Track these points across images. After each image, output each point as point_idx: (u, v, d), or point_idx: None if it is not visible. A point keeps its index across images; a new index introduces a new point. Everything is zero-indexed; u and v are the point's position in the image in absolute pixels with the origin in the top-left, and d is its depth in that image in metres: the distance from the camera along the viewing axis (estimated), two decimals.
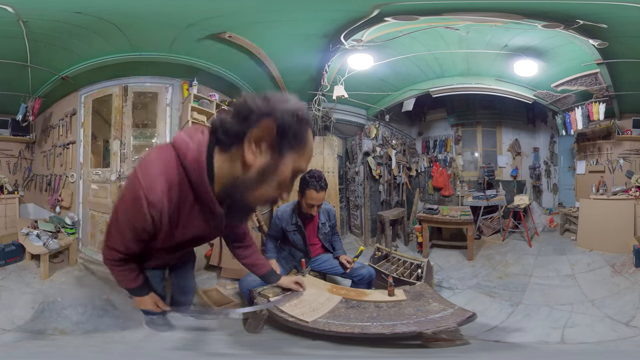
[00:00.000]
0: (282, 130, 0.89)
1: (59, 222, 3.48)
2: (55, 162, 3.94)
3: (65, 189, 3.76)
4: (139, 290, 1.50)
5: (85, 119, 3.66)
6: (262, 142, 0.90)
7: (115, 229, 1.18)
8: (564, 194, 5.38)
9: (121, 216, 1.12)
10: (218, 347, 1.88)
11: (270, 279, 1.99)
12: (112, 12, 2.47)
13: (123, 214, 1.11)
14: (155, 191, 0.98)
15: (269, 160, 0.92)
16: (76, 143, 3.68)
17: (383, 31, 2.83)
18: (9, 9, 2.28)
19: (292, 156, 0.94)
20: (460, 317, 1.83)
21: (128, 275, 1.40)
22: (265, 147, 0.91)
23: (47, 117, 4.09)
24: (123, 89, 3.47)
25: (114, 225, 1.19)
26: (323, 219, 2.52)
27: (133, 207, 1.03)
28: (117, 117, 3.47)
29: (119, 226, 1.15)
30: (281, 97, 0.92)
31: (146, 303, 1.56)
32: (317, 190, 2.22)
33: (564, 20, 2.53)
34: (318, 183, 2.21)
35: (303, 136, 0.94)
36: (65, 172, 3.78)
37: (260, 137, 0.89)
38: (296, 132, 0.91)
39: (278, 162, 0.92)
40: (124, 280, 1.41)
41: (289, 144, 0.92)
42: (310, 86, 3.93)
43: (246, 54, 3.16)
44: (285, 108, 0.89)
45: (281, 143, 0.91)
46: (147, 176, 0.99)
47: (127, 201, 1.06)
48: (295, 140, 0.92)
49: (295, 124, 0.90)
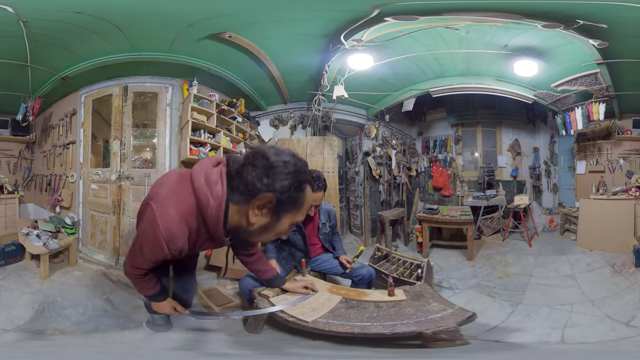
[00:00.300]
0: (279, 202, 1.07)
1: (59, 222, 3.48)
2: (55, 162, 3.94)
3: (65, 189, 3.76)
4: (157, 296, 1.66)
5: (85, 119, 3.66)
6: (263, 208, 1.09)
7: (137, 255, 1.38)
8: (564, 194, 5.39)
9: (144, 247, 1.32)
10: (218, 347, 1.88)
11: (274, 283, 2.03)
12: (112, 12, 2.47)
13: (145, 247, 1.31)
14: (175, 242, 1.20)
15: (268, 221, 1.12)
16: (76, 143, 3.68)
17: (383, 31, 2.83)
18: (9, 9, 2.28)
19: (288, 217, 1.13)
20: (460, 317, 1.83)
21: (147, 285, 1.56)
22: (265, 212, 1.10)
23: (47, 117, 4.09)
24: (123, 89, 3.47)
25: (137, 251, 1.37)
26: (323, 219, 2.51)
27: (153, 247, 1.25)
28: (117, 117, 3.47)
29: (142, 252, 1.35)
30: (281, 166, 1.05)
31: (164, 308, 1.70)
32: (315, 190, 2.20)
33: (564, 20, 2.53)
34: (316, 183, 2.20)
35: (299, 201, 1.10)
36: (65, 172, 3.78)
37: (261, 205, 1.08)
38: (293, 200, 1.08)
39: (276, 222, 1.12)
40: (145, 289, 1.59)
41: (285, 210, 1.10)
42: (310, 86, 3.94)
43: (246, 54, 3.16)
44: (283, 186, 1.05)
45: (278, 209, 1.09)
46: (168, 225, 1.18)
47: (148, 240, 1.26)
48: (291, 206, 1.10)
49: (292, 195, 1.07)
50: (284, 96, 4.30)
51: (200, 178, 1.16)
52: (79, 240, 3.53)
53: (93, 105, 3.66)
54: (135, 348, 1.86)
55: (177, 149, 3.49)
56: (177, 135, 3.51)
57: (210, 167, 1.18)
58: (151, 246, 1.26)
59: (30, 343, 1.85)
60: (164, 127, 3.51)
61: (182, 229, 1.19)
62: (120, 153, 3.43)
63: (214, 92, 3.65)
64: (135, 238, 1.39)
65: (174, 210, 1.18)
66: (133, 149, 3.51)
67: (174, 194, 1.21)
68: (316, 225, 2.51)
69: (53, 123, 3.97)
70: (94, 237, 3.51)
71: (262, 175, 1.05)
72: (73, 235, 3.42)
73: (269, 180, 1.04)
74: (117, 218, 3.35)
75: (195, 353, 1.82)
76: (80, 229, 3.60)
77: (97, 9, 2.41)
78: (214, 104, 3.61)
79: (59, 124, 3.85)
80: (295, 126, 4.65)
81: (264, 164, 1.05)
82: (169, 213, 1.18)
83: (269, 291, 2.13)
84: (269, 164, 1.05)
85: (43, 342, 1.88)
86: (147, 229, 1.24)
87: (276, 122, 4.63)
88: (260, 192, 1.05)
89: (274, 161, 1.05)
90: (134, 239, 1.40)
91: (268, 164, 1.05)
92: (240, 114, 4.04)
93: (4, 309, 2.19)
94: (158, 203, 1.21)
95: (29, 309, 2.24)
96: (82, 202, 3.65)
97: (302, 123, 4.65)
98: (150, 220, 1.21)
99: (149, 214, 1.22)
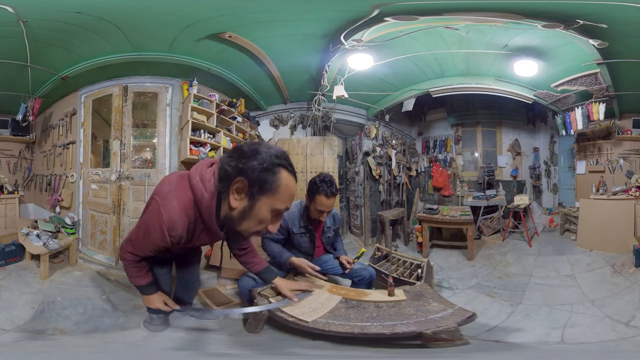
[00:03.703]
0: (251, 183, 1.19)
1: (59, 222, 3.48)
2: (55, 162, 3.94)
3: (65, 189, 3.76)
4: (149, 287, 1.72)
5: (85, 119, 3.66)
6: (240, 192, 1.22)
7: (138, 242, 1.52)
8: (564, 194, 5.39)
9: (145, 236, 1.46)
10: (218, 347, 1.88)
11: (264, 276, 2.01)
12: (112, 12, 2.46)
13: (146, 235, 1.45)
14: (176, 229, 1.35)
15: (246, 205, 1.22)
16: (76, 143, 3.68)
17: (383, 31, 2.83)
18: (9, 9, 2.28)
19: (265, 200, 1.21)
20: (460, 317, 1.83)
21: (139, 272, 1.65)
22: (242, 195, 1.22)
23: (47, 117, 4.09)
24: (123, 89, 3.47)
25: (137, 238, 1.52)
26: (329, 223, 2.49)
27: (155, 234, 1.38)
28: (117, 117, 3.47)
29: (141, 241, 1.49)
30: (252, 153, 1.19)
31: (155, 302, 1.74)
32: (328, 196, 2.13)
33: (564, 20, 2.53)
34: (329, 189, 2.13)
35: (271, 182, 1.19)
36: (65, 172, 3.78)
37: (238, 188, 1.21)
38: (263, 182, 1.18)
39: (252, 205, 1.22)
40: (137, 277, 1.66)
41: (259, 191, 1.19)
42: (310, 86, 3.94)
43: (246, 54, 3.16)
44: (251, 167, 1.17)
45: (252, 191, 1.20)
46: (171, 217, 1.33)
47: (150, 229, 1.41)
48: (263, 189, 1.19)
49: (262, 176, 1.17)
50: (284, 96, 4.30)
51: (197, 177, 1.34)
52: (79, 240, 3.53)
53: (93, 105, 3.66)
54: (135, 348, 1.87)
55: (177, 149, 3.49)
56: (177, 135, 3.51)
57: (205, 167, 1.37)
58: (154, 233, 1.39)
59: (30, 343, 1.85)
60: (164, 127, 3.51)
61: (182, 219, 1.34)
62: (120, 153, 3.43)
63: (214, 92, 3.65)
64: (138, 226, 1.55)
65: (175, 203, 1.34)
66: (133, 149, 3.51)
67: (175, 190, 1.38)
68: (322, 229, 2.50)
69: (53, 123, 3.97)
70: (94, 237, 3.51)
71: (235, 160, 1.21)
72: (73, 235, 3.42)
73: (240, 164, 1.19)
74: (117, 218, 3.35)
75: (195, 353, 1.82)
76: (80, 229, 3.60)
77: (97, 9, 2.41)
78: (214, 104, 3.61)
79: (59, 124, 3.85)
80: (295, 126, 4.65)
81: (238, 153, 1.23)
82: (171, 205, 1.34)
83: (269, 291, 2.13)
84: (242, 152, 1.21)
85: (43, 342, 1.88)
86: (151, 217, 1.40)
87: (276, 122, 4.63)
88: (233, 176, 1.20)
89: (246, 150, 1.21)
90: (136, 226, 1.56)
91: (241, 152, 1.22)
92: (240, 114, 4.04)
93: (4, 309, 2.19)
94: (161, 197, 1.38)
95: (29, 309, 2.24)
96: (82, 202, 3.65)
97: (302, 123, 4.65)
98: (154, 211, 1.38)
99: (154, 206, 1.39)
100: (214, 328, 2.13)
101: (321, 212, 2.21)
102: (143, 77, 3.50)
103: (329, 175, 2.20)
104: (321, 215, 2.24)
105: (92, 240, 3.53)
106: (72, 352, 1.77)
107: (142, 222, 1.52)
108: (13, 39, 2.66)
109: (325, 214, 2.24)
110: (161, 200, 1.37)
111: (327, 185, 2.13)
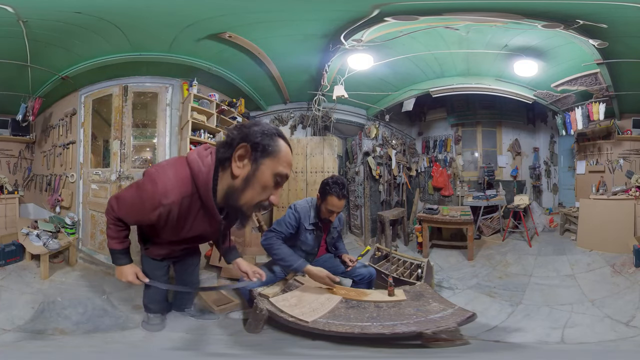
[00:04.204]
0: (254, 148, 1.24)
1: (59, 222, 3.48)
2: (55, 162, 3.94)
3: (65, 189, 3.76)
4: (122, 256, 1.70)
5: (85, 119, 3.66)
6: (243, 158, 1.26)
7: (124, 201, 1.52)
8: (564, 194, 5.38)
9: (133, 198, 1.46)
10: (218, 347, 1.88)
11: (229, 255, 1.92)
12: (112, 12, 2.47)
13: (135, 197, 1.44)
14: (168, 196, 1.32)
15: (250, 170, 1.25)
16: (76, 143, 3.68)
17: (383, 31, 2.83)
18: (9, 9, 2.28)
19: (268, 163, 1.25)
20: (460, 317, 1.84)
21: (118, 235, 1.65)
22: (246, 161, 1.26)
23: (47, 117, 4.09)
24: (123, 89, 3.47)
25: (124, 197, 1.53)
26: (335, 224, 2.52)
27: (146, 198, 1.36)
28: (117, 117, 3.47)
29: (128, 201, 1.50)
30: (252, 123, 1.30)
31: (126, 273, 1.71)
32: (340, 197, 2.21)
33: (564, 20, 2.53)
34: (341, 191, 2.21)
35: (272, 146, 1.25)
36: (65, 172, 3.78)
37: (241, 155, 1.25)
38: (265, 145, 1.24)
39: (256, 170, 1.25)
40: (114, 238, 1.66)
41: (262, 155, 1.24)
42: (310, 86, 3.93)
43: (246, 54, 3.16)
44: (254, 131, 1.24)
45: (255, 156, 1.24)
46: (166, 184, 1.32)
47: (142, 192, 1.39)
48: (266, 151, 1.24)
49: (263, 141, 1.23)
50: (284, 96, 4.30)
51: (194, 154, 1.37)
52: (79, 240, 3.53)
53: (93, 105, 3.66)
54: (135, 348, 1.87)
55: (177, 149, 3.49)
56: (177, 135, 3.51)
57: (202, 149, 1.39)
58: (145, 195, 1.37)
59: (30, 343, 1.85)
60: (164, 127, 3.51)
61: (176, 189, 1.33)
62: (120, 153, 3.43)
63: (214, 92, 3.65)
64: (130, 186, 1.54)
65: (172, 174, 1.35)
66: (133, 149, 3.51)
67: (173, 164, 1.40)
68: (328, 229, 2.53)
69: (53, 123, 3.97)
70: (94, 237, 3.51)
71: (237, 129, 1.29)
72: (73, 235, 3.42)
73: (243, 132, 1.26)
74: None
75: (195, 353, 1.82)
76: (80, 229, 3.60)
77: (97, 9, 2.41)
78: (214, 104, 3.61)
79: (59, 124, 3.85)
80: (295, 126, 4.65)
81: (239, 125, 1.33)
82: (168, 174, 1.35)
83: (269, 291, 2.13)
84: (242, 125, 1.31)
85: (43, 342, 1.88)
86: (145, 181, 1.38)
87: (276, 122, 4.63)
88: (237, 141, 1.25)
89: (247, 124, 1.30)
90: (128, 186, 1.56)
91: (242, 126, 1.31)
92: (240, 114, 4.04)
93: (4, 309, 2.19)
94: (158, 167, 1.40)
95: (29, 309, 2.24)
96: (82, 202, 3.65)
97: (302, 123, 4.65)
98: (149, 176, 1.37)
99: (150, 172, 1.39)
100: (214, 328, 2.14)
101: (331, 212, 2.28)
102: (143, 77, 3.50)
103: (341, 178, 2.30)
104: (331, 215, 2.30)
105: (92, 240, 3.53)
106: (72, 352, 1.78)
107: (135, 183, 1.50)
108: (13, 39, 2.66)
109: (335, 214, 2.31)
110: (157, 170, 1.37)
111: (339, 187, 2.21)
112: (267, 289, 2.16)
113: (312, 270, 2.17)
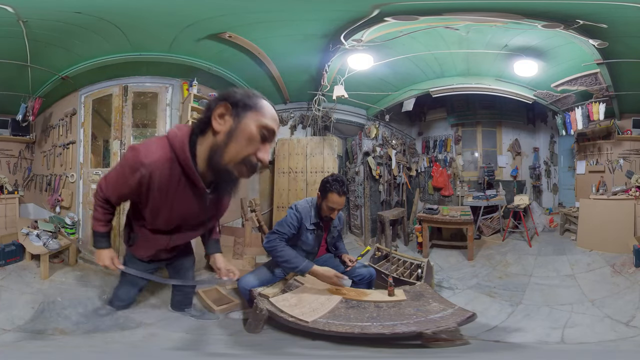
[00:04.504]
0: (234, 104, 1.21)
1: (59, 222, 3.48)
2: (55, 162, 3.94)
3: (65, 189, 3.76)
4: (103, 239, 1.71)
5: (85, 119, 3.66)
6: (223, 115, 1.22)
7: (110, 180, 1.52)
8: (564, 194, 5.38)
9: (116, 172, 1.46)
10: (218, 347, 1.88)
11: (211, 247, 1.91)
12: (112, 12, 2.47)
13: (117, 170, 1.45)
14: (150, 156, 1.30)
15: (232, 124, 1.21)
16: (76, 143, 3.67)
17: (383, 31, 2.83)
18: (9, 9, 2.28)
19: (251, 115, 1.21)
20: (460, 317, 1.84)
21: (103, 216, 1.65)
22: (226, 118, 1.22)
23: (47, 117, 4.09)
24: (123, 89, 3.47)
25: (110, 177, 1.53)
26: (335, 223, 2.52)
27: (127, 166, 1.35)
28: (117, 117, 3.47)
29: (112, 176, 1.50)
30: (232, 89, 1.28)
31: (103, 257, 1.71)
32: (340, 194, 2.22)
33: (564, 20, 2.53)
34: (341, 188, 2.22)
35: (254, 102, 1.22)
36: (65, 172, 3.78)
37: (221, 113, 1.22)
38: (245, 101, 1.21)
39: (238, 123, 1.20)
40: (99, 221, 1.66)
41: (244, 109, 1.21)
42: (310, 86, 3.93)
43: (246, 54, 3.16)
44: (233, 91, 1.24)
45: (237, 111, 1.21)
46: (147, 148, 1.32)
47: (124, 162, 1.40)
48: (248, 106, 1.21)
49: (244, 99, 1.22)
50: (284, 96, 4.30)
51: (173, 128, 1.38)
52: (79, 240, 3.53)
53: (93, 105, 3.65)
54: (135, 348, 1.86)
55: None
56: None
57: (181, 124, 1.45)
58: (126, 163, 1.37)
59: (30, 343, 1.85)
60: (164, 127, 3.50)
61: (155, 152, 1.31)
62: (120, 153, 3.43)
63: (214, 92, 3.65)
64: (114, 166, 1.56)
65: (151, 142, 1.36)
66: None
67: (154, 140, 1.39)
68: (329, 228, 2.53)
69: (53, 123, 3.97)
70: None
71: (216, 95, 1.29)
72: (73, 235, 3.42)
73: (220, 95, 1.25)
74: (117, 218, 3.35)
75: (195, 353, 1.82)
76: (80, 229, 3.60)
77: (97, 9, 2.41)
78: None
79: (59, 124, 3.85)
80: (295, 126, 4.65)
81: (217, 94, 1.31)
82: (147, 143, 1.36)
83: (269, 291, 2.13)
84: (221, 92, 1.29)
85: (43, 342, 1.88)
86: (127, 152, 1.40)
87: None
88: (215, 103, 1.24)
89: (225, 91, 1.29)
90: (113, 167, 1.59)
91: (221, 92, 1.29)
92: None
93: (4, 309, 2.19)
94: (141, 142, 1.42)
95: (29, 309, 2.24)
96: (82, 202, 3.65)
97: (302, 123, 4.65)
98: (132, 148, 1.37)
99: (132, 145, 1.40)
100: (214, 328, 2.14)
101: (332, 209, 2.28)
102: (143, 77, 3.49)
103: (340, 176, 2.34)
104: (332, 212, 2.30)
105: (92, 240, 3.53)
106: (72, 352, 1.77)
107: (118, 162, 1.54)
108: (13, 39, 2.66)
109: (336, 211, 2.30)
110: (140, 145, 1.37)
111: (339, 184, 2.22)
112: (267, 289, 2.16)
113: (319, 270, 2.17)
